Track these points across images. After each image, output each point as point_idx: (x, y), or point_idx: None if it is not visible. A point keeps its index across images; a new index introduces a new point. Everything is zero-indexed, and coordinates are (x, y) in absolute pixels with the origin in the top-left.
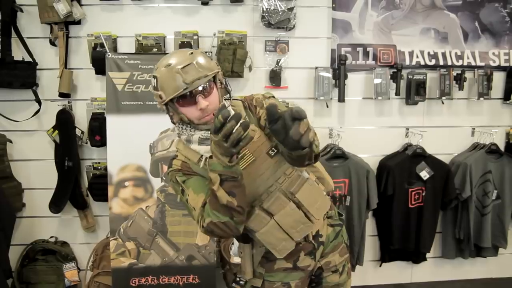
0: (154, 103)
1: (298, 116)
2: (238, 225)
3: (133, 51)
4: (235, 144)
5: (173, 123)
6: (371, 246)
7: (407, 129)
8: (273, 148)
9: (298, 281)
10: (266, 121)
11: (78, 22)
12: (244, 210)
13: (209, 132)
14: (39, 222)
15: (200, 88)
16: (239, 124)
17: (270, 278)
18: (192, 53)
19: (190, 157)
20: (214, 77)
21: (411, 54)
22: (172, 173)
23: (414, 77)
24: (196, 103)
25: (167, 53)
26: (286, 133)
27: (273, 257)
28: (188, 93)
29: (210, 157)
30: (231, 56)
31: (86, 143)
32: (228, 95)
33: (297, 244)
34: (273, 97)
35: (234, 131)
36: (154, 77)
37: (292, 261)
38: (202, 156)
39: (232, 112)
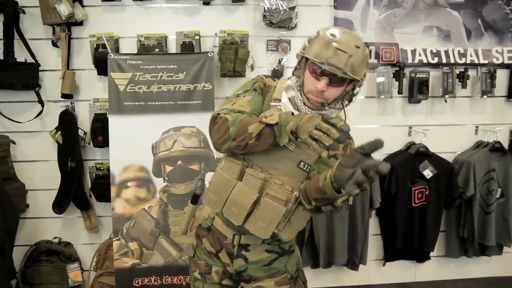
0: (156, 103)
1: (380, 170)
2: (226, 144)
3: (135, 51)
4: (314, 137)
5: (293, 73)
6: (374, 245)
7: (410, 127)
8: (307, 165)
9: (220, 269)
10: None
11: (80, 23)
12: (242, 149)
13: (303, 103)
14: (42, 223)
15: (331, 74)
16: (335, 138)
17: (198, 253)
18: (358, 47)
19: (276, 92)
20: (352, 81)
21: (413, 52)
22: (259, 78)
23: (417, 76)
24: (319, 80)
25: (169, 54)
26: (354, 165)
27: (202, 234)
28: (320, 68)
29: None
30: (233, 55)
31: (89, 143)
32: (347, 103)
33: (223, 237)
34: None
35: (327, 133)
36: (318, 32)
37: (215, 250)
38: (280, 102)
39: (347, 131)
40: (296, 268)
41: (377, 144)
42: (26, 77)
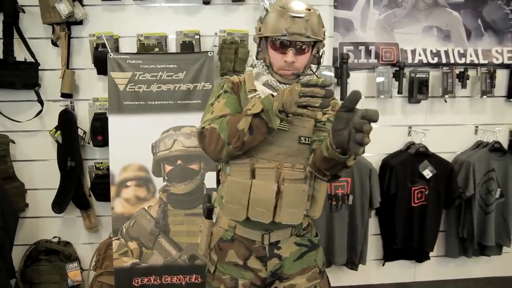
0: (156, 102)
1: (370, 118)
2: (223, 151)
3: (135, 51)
4: (302, 105)
5: (257, 58)
6: (374, 245)
7: (410, 127)
8: (307, 138)
9: (247, 281)
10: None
11: (80, 23)
12: (241, 149)
13: (278, 82)
14: (42, 222)
15: (296, 44)
16: (322, 96)
17: (221, 268)
18: (310, 10)
19: (248, 84)
20: (315, 43)
21: (413, 52)
22: (226, 80)
23: (417, 76)
24: (285, 54)
25: (169, 53)
26: (345, 125)
27: (226, 246)
28: (284, 42)
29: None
30: (233, 55)
31: (89, 143)
32: (317, 66)
33: (251, 242)
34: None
35: (313, 97)
36: (266, 10)
37: (243, 258)
38: (257, 92)
39: (329, 85)
40: (323, 262)
41: (355, 96)
42: (25, 76)
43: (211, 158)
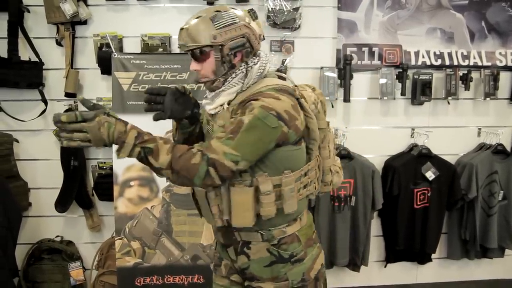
0: None
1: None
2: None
3: (139, 51)
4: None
5: None
6: (376, 246)
7: (413, 129)
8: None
9: (228, 262)
10: None
11: (84, 22)
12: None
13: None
14: (45, 222)
15: (189, 53)
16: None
17: (216, 246)
18: (198, 17)
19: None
20: (218, 48)
21: (417, 54)
22: None
23: (420, 77)
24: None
25: (173, 53)
26: None
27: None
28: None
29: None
30: None
31: None
32: (231, 70)
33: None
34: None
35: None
36: None
37: (226, 244)
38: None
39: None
40: (301, 279)
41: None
42: (30, 76)
43: None
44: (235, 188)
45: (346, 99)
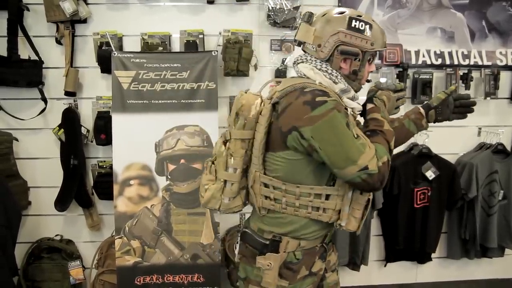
0: (160, 101)
1: (461, 97)
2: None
3: (139, 49)
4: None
5: (334, 68)
6: (376, 246)
7: None
8: None
9: (311, 286)
10: None
11: (84, 21)
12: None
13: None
14: (44, 220)
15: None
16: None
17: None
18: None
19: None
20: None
21: (417, 53)
22: (337, 104)
23: (420, 77)
24: (370, 65)
25: (173, 52)
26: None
27: (295, 267)
28: (378, 53)
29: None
30: (237, 55)
31: (92, 141)
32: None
33: (314, 246)
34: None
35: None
36: (367, 23)
37: (308, 267)
38: (347, 109)
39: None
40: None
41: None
42: (29, 74)
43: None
44: None
45: None
